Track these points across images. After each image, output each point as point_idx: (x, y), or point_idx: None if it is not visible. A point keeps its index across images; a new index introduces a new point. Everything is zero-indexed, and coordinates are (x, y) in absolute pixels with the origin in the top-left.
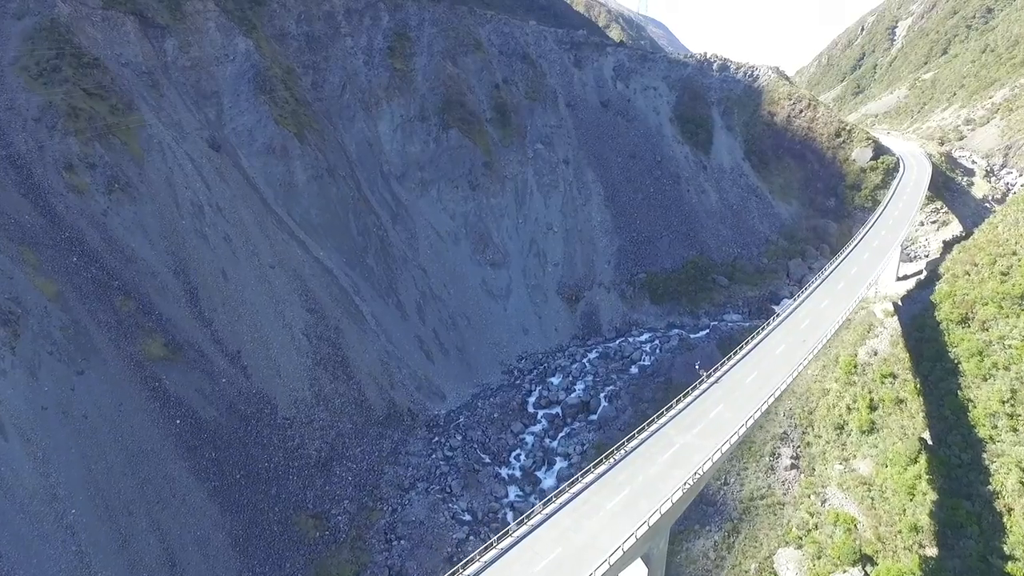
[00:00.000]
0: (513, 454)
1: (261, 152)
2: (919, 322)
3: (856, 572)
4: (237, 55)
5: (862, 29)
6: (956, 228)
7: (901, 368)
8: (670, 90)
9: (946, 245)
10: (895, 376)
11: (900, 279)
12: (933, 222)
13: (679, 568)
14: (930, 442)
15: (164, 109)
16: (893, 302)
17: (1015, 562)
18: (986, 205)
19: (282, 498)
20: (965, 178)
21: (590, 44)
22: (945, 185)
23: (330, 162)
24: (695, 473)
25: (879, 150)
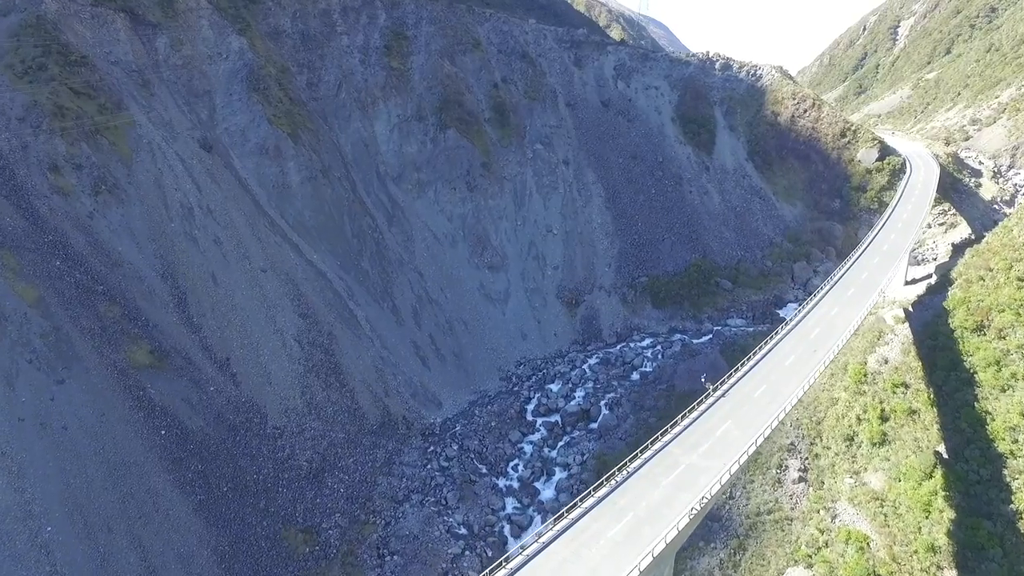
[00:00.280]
0: (511, 464)
1: (254, 153)
2: (932, 329)
3: None
4: (230, 53)
5: (864, 29)
6: (964, 230)
7: (913, 377)
8: (672, 89)
9: (955, 248)
10: (907, 386)
11: (908, 283)
12: (941, 224)
13: None
14: (946, 456)
15: (155, 108)
16: (904, 308)
17: None
18: (995, 207)
19: (271, 512)
20: (972, 179)
21: (590, 43)
22: (952, 186)
23: (325, 163)
24: (702, 498)
25: (885, 151)
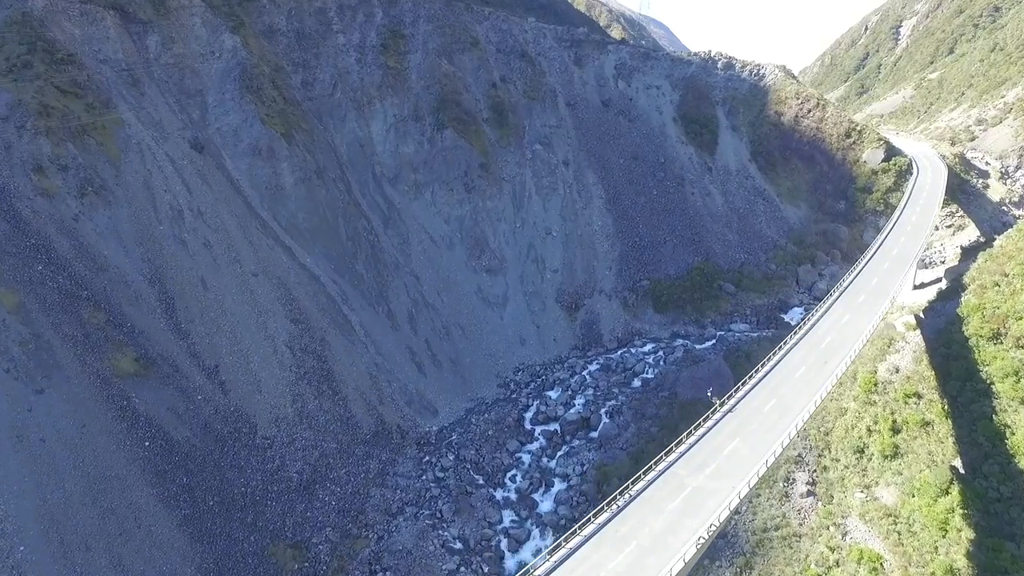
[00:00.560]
0: (508, 475)
1: (246, 153)
2: (945, 337)
3: None
4: (223, 52)
5: (866, 28)
6: (973, 233)
7: (926, 387)
8: (673, 89)
9: (964, 251)
10: (920, 396)
11: (917, 287)
12: (948, 226)
13: None
14: (962, 471)
15: (144, 108)
16: (915, 314)
17: None
18: (1003, 208)
19: (259, 526)
20: (980, 180)
21: (591, 42)
22: (959, 187)
23: (319, 164)
24: (709, 525)
25: (891, 151)
